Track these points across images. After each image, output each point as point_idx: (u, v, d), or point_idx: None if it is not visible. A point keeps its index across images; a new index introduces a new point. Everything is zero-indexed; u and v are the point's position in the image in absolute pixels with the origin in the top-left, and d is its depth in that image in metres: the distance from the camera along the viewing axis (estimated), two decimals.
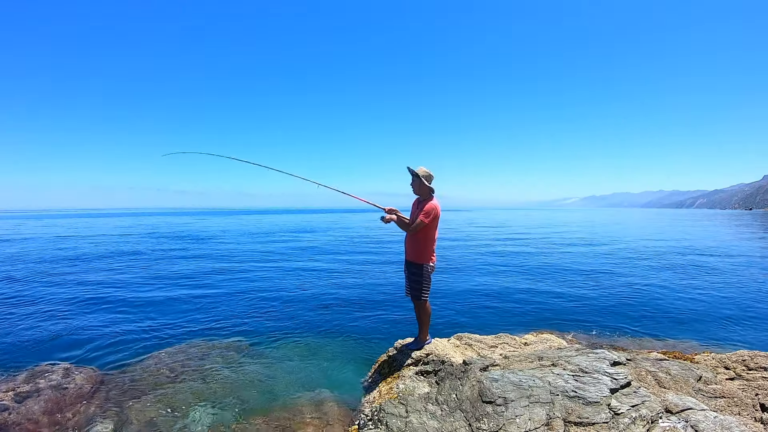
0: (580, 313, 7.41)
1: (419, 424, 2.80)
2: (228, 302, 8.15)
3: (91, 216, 79.26)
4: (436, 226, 3.98)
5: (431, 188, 3.96)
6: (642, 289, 9.32)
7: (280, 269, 12.28)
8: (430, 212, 3.81)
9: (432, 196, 3.98)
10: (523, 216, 72.85)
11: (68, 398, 4.13)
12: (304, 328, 6.51)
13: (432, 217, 3.83)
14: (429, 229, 3.92)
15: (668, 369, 3.55)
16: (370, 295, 8.69)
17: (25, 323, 6.68)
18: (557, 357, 3.75)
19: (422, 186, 3.93)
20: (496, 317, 7.13)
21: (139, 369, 4.87)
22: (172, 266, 12.77)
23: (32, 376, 4.50)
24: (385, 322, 6.80)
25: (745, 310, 7.50)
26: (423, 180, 3.88)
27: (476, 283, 10.02)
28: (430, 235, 3.95)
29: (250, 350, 5.54)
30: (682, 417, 2.66)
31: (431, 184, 3.96)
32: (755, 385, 3.29)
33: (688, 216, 79.89)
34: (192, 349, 5.52)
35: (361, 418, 3.23)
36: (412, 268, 4.01)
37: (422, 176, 3.88)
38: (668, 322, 6.88)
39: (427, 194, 3.98)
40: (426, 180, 3.90)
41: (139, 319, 6.93)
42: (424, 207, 3.86)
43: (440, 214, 3.93)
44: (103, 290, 9.23)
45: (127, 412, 3.90)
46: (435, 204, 3.86)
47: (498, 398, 2.91)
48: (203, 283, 10.13)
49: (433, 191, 3.98)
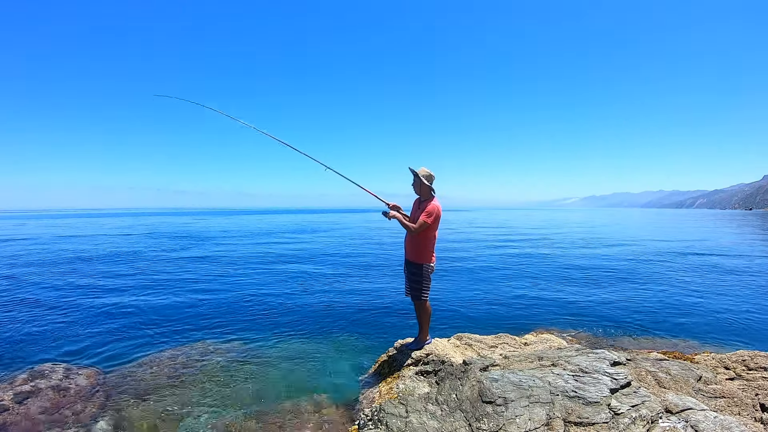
0: (580, 313, 7.41)
1: (419, 424, 2.80)
2: (227, 303, 8.15)
3: (91, 216, 79.27)
4: (436, 227, 3.99)
5: (432, 188, 3.98)
6: (642, 289, 9.32)
7: (279, 270, 12.28)
8: (432, 212, 3.82)
9: (433, 197, 4.00)
10: (523, 216, 72.86)
11: (68, 399, 4.13)
12: (303, 328, 6.51)
13: (434, 218, 3.84)
14: (429, 229, 3.92)
15: (668, 369, 3.55)
16: (369, 296, 8.69)
17: (25, 324, 6.68)
18: (557, 357, 3.76)
19: (423, 186, 3.96)
20: (496, 317, 7.13)
21: (139, 370, 4.88)
22: (171, 267, 12.78)
23: (32, 377, 4.50)
24: (385, 323, 6.80)
25: (745, 310, 7.50)
26: (423, 180, 3.91)
27: (476, 283, 10.02)
28: (430, 235, 3.96)
29: (249, 351, 5.54)
30: (682, 417, 2.66)
31: (432, 184, 3.98)
32: (755, 385, 3.29)
33: (689, 216, 79.90)
34: (192, 350, 5.52)
35: (361, 418, 3.23)
36: (412, 268, 4.02)
37: (423, 176, 3.91)
38: (668, 322, 6.87)
39: (428, 194, 4.00)
40: (427, 180, 3.92)
41: (139, 320, 6.93)
42: (425, 207, 3.88)
43: (441, 214, 3.94)
44: (103, 291, 9.23)
45: (127, 413, 3.90)
46: (436, 204, 3.88)
47: (498, 398, 2.91)
48: (203, 284, 10.13)
49: (434, 191, 4.00)
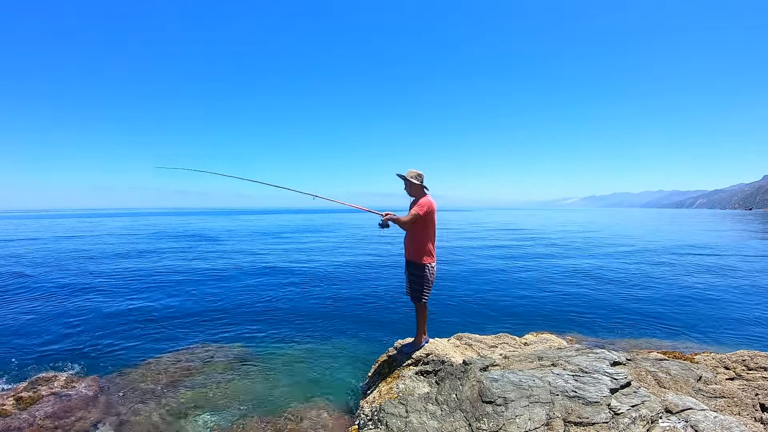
0: (581, 313, 7.41)
1: (419, 424, 2.80)
2: (227, 305, 8.15)
3: (90, 216, 79.23)
4: (433, 224, 3.99)
5: (423, 186, 4.02)
6: (642, 289, 9.32)
7: (279, 270, 12.27)
8: (424, 205, 3.85)
9: (426, 194, 4.02)
10: (523, 216, 72.85)
11: (70, 404, 4.13)
12: (304, 328, 6.51)
13: (426, 209, 3.84)
14: (427, 227, 3.92)
15: (668, 369, 3.55)
16: (369, 296, 8.69)
17: (26, 327, 6.68)
18: (557, 357, 3.75)
19: (413, 186, 4.00)
20: (496, 317, 7.13)
21: (140, 373, 4.87)
22: (171, 269, 12.77)
23: (34, 383, 4.48)
24: (385, 323, 6.80)
25: (745, 310, 7.50)
26: (412, 180, 3.96)
27: (476, 283, 10.01)
28: (428, 233, 3.96)
29: (249, 352, 5.54)
30: (682, 417, 2.65)
31: (424, 182, 4.01)
32: (755, 385, 3.28)
33: (689, 216, 79.89)
34: (192, 353, 5.52)
35: (361, 418, 3.23)
36: (413, 269, 4.00)
37: (411, 177, 3.96)
38: (668, 321, 6.87)
39: (420, 193, 4.04)
40: (416, 179, 3.97)
41: (139, 324, 6.92)
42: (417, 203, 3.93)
43: (435, 209, 3.96)
44: (102, 294, 9.24)
45: (129, 418, 3.90)
46: (429, 199, 3.92)
47: (498, 398, 2.91)
48: (203, 285, 10.14)
49: (427, 189, 4.03)
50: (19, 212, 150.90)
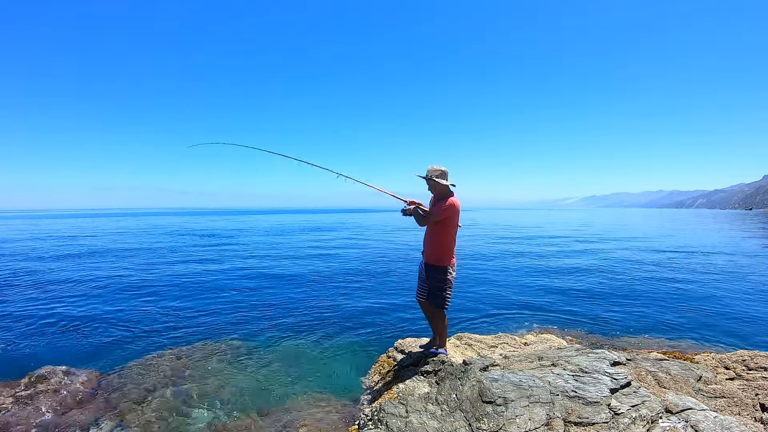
0: (580, 313, 7.41)
1: (419, 424, 2.80)
2: (227, 304, 8.15)
3: (91, 216, 79.24)
4: (456, 225, 3.70)
5: (450, 185, 3.63)
6: (642, 289, 9.32)
7: (278, 269, 12.27)
8: (448, 208, 3.55)
9: (452, 193, 3.66)
10: (523, 216, 72.85)
11: (68, 401, 4.13)
12: (304, 328, 6.51)
13: (449, 206, 3.53)
14: (451, 227, 3.66)
15: (668, 369, 3.55)
16: (370, 295, 8.69)
17: (25, 327, 6.68)
18: (557, 357, 3.76)
19: (438, 185, 3.63)
20: (496, 317, 7.13)
21: (138, 371, 4.86)
22: (170, 267, 12.77)
23: (32, 380, 4.49)
24: (386, 322, 6.80)
25: (745, 310, 7.50)
26: (437, 180, 3.58)
27: (476, 283, 10.01)
28: (452, 234, 3.69)
29: (249, 351, 5.54)
30: (682, 417, 2.66)
31: (449, 179, 3.63)
32: (755, 385, 3.29)
33: (689, 216, 79.87)
34: (191, 350, 5.52)
35: (361, 418, 3.23)
36: (435, 273, 3.70)
37: (434, 176, 3.58)
38: (668, 321, 6.87)
39: (445, 192, 3.65)
40: (440, 178, 3.58)
41: (138, 321, 6.93)
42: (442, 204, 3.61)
43: (459, 210, 3.65)
44: (101, 293, 9.23)
45: (127, 415, 3.90)
46: (454, 199, 3.59)
47: (498, 398, 2.91)
48: (202, 284, 10.13)
49: (453, 186, 3.65)
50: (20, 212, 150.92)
